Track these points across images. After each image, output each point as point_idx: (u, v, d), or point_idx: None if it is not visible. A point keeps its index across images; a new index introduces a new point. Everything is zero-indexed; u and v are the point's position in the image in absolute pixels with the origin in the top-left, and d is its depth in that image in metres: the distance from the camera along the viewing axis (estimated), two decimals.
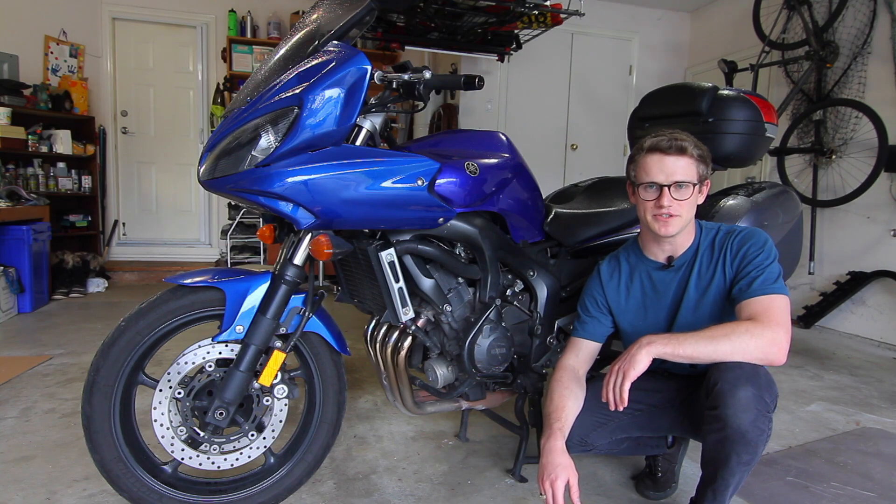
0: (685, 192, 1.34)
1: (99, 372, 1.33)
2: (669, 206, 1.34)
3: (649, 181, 1.36)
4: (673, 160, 1.34)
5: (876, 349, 3.54)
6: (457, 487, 1.71)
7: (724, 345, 1.23)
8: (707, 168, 1.40)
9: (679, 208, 1.35)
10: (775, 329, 1.24)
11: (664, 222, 1.36)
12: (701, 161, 1.37)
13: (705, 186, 1.41)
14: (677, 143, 1.34)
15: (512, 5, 3.56)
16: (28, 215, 3.83)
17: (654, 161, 1.36)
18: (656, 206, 1.36)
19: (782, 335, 1.24)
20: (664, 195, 1.34)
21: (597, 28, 5.18)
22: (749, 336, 1.23)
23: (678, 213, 1.35)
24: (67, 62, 4.88)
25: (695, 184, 1.36)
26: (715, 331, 1.26)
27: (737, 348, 1.23)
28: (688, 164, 1.35)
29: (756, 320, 1.25)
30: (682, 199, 1.34)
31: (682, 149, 1.34)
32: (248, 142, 1.27)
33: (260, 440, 1.45)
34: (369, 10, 1.35)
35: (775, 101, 4.24)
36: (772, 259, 1.34)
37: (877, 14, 3.73)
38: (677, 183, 1.34)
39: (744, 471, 1.28)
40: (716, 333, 1.25)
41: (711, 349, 1.23)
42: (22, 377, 2.51)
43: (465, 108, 5.07)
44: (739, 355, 1.23)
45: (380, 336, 1.64)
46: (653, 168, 1.36)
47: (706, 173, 1.39)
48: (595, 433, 1.50)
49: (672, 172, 1.34)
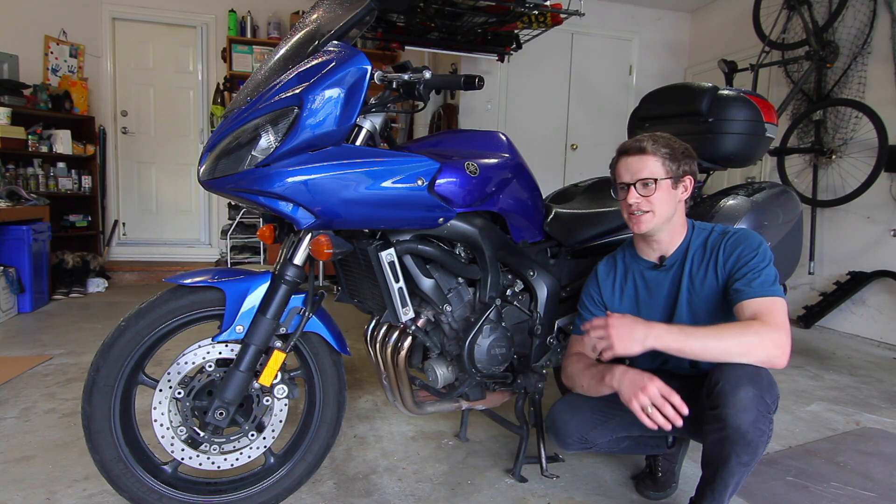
0: (649, 189, 1.39)
1: (99, 372, 1.33)
2: (638, 203, 1.40)
3: (620, 183, 1.45)
4: (636, 160, 1.42)
5: (876, 349, 3.54)
6: (457, 487, 1.71)
7: (732, 344, 1.23)
8: (680, 165, 1.41)
9: (648, 204, 1.39)
10: (779, 331, 1.25)
11: (637, 220, 1.42)
12: (669, 158, 1.40)
13: (683, 183, 1.43)
14: (637, 143, 1.42)
15: (512, 5, 3.56)
16: (28, 215, 3.83)
17: (622, 164, 1.45)
18: (627, 204, 1.42)
19: (785, 338, 1.25)
20: (630, 192, 1.41)
21: (597, 28, 5.18)
22: (757, 337, 1.23)
23: (648, 209, 1.40)
24: (67, 62, 4.88)
25: (658, 179, 1.39)
26: (724, 329, 1.26)
27: (745, 349, 1.23)
28: (651, 161, 1.40)
29: (761, 322, 1.25)
30: (648, 196, 1.39)
31: (642, 148, 1.41)
32: (248, 142, 1.27)
33: (260, 440, 1.45)
34: (369, 10, 1.35)
35: (775, 101, 4.24)
36: (767, 262, 1.35)
37: (877, 14, 3.72)
38: (641, 180, 1.40)
39: (743, 471, 1.28)
40: (724, 332, 1.25)
41: (721, 348, 1.23)
42: (22, 377, 2.51)
43: (465, 108, 5.07)
44: (746, 356, 1.23)
45: (380, 336, 1.64)
46: (621, 170, 1.45)
47: (680, 170, 1.42)
48: (595, 431, 1.50)
49: (636, 171, 1.41)
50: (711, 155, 1.88)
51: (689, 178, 1.43)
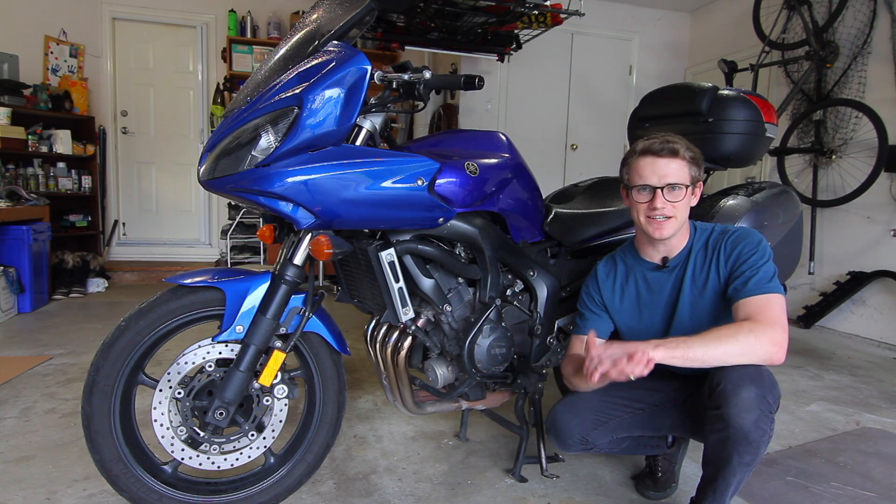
0: (678, 195, 1.36)
1: (99, 372, 1.33)
2: (663, 208, 1.36)
3: (642, 184, 1.38)
4: (665, 162, 1.36)
5: (876, 349, 3.54)
6: (457, 487, 1.71)
7: (731, 346, 1.23)
8: (699, 170, 1.40)
9: (673, 210, 1.36)
10: (775, 328, 1.25)
11: (658, 225, 1.38)
12: (693, 163, 1.38)
13: (698, 188, 1.42)
14: (669, 145, 1.36)
15: (512, 5, 3.56)
16: (28, 215, 3.83)
17: (646, 164, 1.37)
18: (650, 208, 1.37)
19: (781, 334, 1.25)
20: (657, 197, 1.36)
21: (597, 28, 5.18)
22: (753, 336, 1.23)
23: (672, 215, 1.37)
24: (67, 62, 4.87)
25: (687, 185, 1.37)
26: (720, 332, 1.25)
27: (744, 349, 1.23)
28: (680, 166, 1.36)
29: (756, 320, 1.26)
30: (676, 202, 1.36)
31: (675, 151, 1.36)
32: (248, 142, 1.27)
33: (260, 440, 1.45)
34: (369, 10, 1.35)
35: (775, 101, 4.24)
36: (766, 259, 1.34)
37: (877, 14, 3.72)
38: (670, 185, 1.35)
39: (745, 471, 1.28)
40: (722, 335, 1.24)
41: (721, 351, 1.23)
42: (22, 377, 2.51)
43: (465, 108, 5.07)
44: (746, 356, 1.23)
45: (380, 336, 1.64)
46: (645, 171, 1.37)
47: (698, 175, 1.40)
48: (596, 431, 1.50)
49: (665, 175, 1.36)
50: (711, 155, 1.88)
51: (701, 182, 1.43)
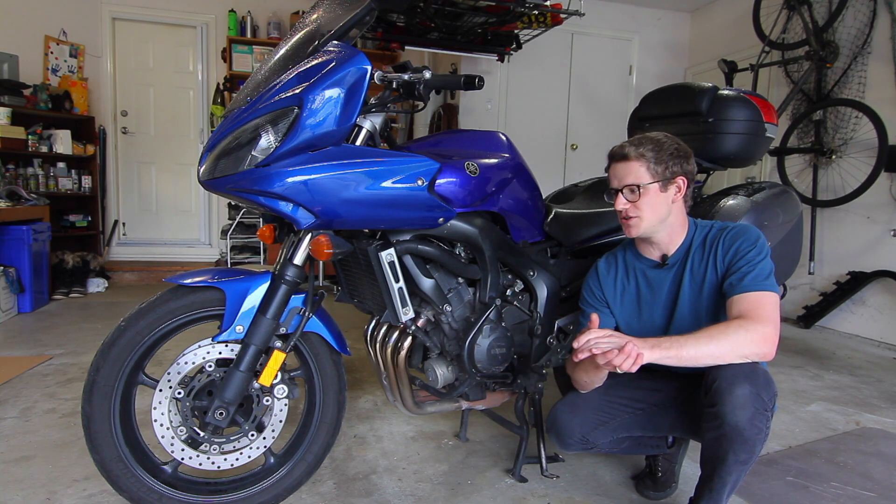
0: (635, 195, 1.39)
1: (99, 372, 1.33)
2: (625, 208, 1.40)
3: (611, 188, 1.45)
4: (621, 166, 1.42)
5: (876, 349, 3.54)
6: (457, 487, 1.71)
7: (723, 344, 1.23)
8: (668, 166, 1.39)
9: (635, 210, 1.40)
10: (766, 325, 1.25)
11: (626, 224, 1.43)
12: (654, 161, 1.39)
13: (675, 184, 1.41)
14: (621, 150, 1.42)
15: (512, 5, 3.56)
16: (28, 215, 3.83)
17: (611, 170, 1.46)
18: (617, 210, 1.43)
19: (772, 331, 1.26)
20: (618, 199, 1.41)
21: (597, 28, 5.18)
22: (745, 332, 1.24)
23: (635, 215, 1.40)
24: (67, 62, 4.87)
25: (643, 185, 1.38)
26: (712, 330, 1.26)
27: (735, 346, 1.23)
28: (635, 167, 1.40)
29: (748, 317, 1.26)
30: (633, 201, 1.39)
31: (625, 155, 1.41)
32: (248, 142, 1.27)
33: (260, 440, 1.45)
34: (369, 10, 1.35)
35: (775, 101, 4.24)
36: (763, 255, 1.35)
37: (877, 14, 3.72)
38: (627, 186, 1.40)
39: (741, 469, 1.28)
40: (714, 333, 1.25)
41: (713, 348, 1.23)
42: (22, 377, 2.51)
43: (465, 108, 5.07)
44: (738, 353, 1.24)
45: (380, 336, 1.64)
46: (610, 175, 1.46)
47: (669, 172, 1.39)
48: (597, 431, 1.50)
49: (622, 177, 1.41)
50: (711, 155, 1.88)
51: (682, 178, 1.41)
